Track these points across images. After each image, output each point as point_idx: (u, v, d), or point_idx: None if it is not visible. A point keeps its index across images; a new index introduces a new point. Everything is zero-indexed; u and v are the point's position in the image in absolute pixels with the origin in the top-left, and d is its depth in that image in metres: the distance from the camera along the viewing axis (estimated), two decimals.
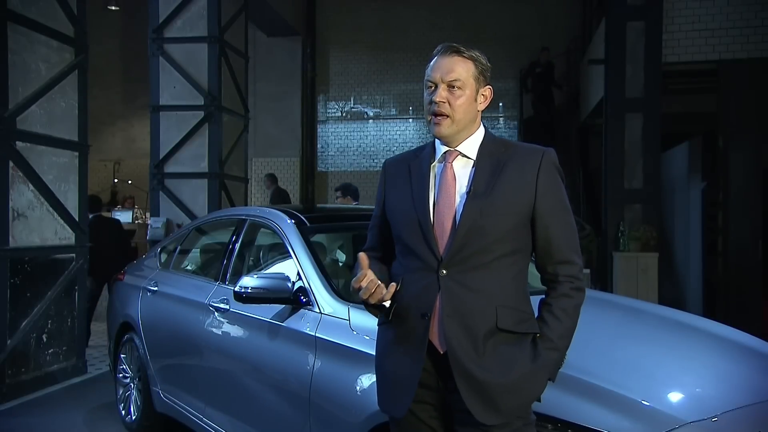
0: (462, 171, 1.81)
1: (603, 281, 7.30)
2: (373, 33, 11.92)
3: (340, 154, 12.36)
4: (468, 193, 1.76)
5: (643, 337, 2.68)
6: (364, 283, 1.72)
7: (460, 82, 1.77)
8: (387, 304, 1.79)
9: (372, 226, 2.04)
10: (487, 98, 1.84)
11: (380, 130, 12.22)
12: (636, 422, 1.92)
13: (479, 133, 1.85)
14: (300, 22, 11.82)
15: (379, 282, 1.74)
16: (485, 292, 1.73)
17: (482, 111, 1.86)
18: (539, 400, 1.79)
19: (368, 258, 1.79)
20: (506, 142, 1.86)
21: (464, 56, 1.79)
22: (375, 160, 12.12)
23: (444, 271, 1.74)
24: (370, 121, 12.23)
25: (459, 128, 1.79)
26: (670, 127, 7.94)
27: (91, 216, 6.76)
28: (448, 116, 1.77)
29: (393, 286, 1.77)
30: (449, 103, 1.77)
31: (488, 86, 1.84)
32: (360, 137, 12.29)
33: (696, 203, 7.68)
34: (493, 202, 1.74)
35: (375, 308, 1.82)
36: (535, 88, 10.76)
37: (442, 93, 1.77)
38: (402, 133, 12.19)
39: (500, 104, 11.66)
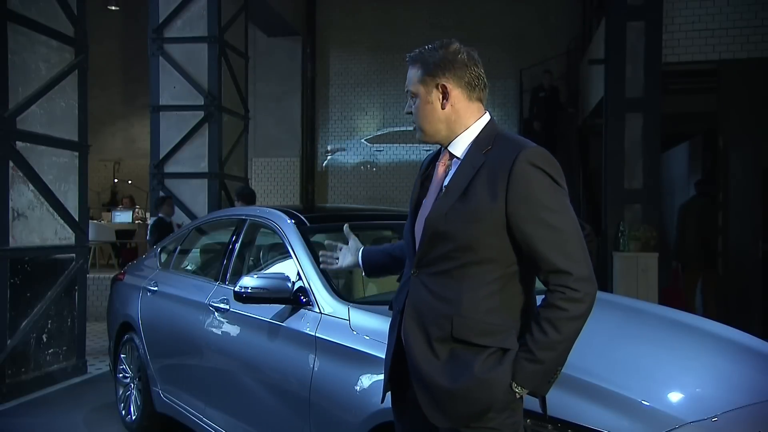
0: (450, 171, 1.76)
1: (603, 281, 7.29)
2: (373, 33, 11.91)
3: (341, 154, 12.36)
4: (438, 196, 1.72)
5: (643, 337, 2.68)
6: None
7: (411, 92, 1.77)
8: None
9: None
10: (445, 94, 1.70)
11: (380, 130, 12.21)
12: (636, 422, 1.91)
13: (474, 129, 1.73)
14: (300, 22, 11.82)
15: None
16: (447, 299, 1.66)
17: (453, 106, 1.71)
18: (544, 410, 1.73)
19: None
20: (495, 139, 1.70)
21: (410, 62, 1.78)
22: (375, 160, 12.12)
23: (414, 272, 1.75)
24: (370, 121, 12.22)
25: (430, 134, 1.76)
26: (670, 127, 7.94)
27: (156, 218, 7.01)
28: (418, 125, 1.78)
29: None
30: (414, 114, 1.78)
31: (439, 82, 1.70)
32: (360, 137, 12.28)
33: None
34: (458, 208, 1.64)
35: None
36: (540, 115, 10.30)
37: (409, 104, 1.79)
38: (402, 133, 12.18)
39: (500, 104, 11.65)
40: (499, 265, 1.66)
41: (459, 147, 1.74)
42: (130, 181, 13.93)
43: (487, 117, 1.75)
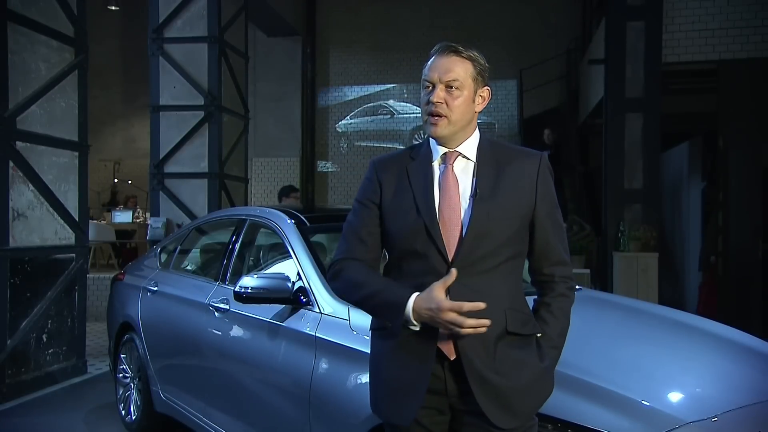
0: (462, 173, 1.79)
1: (603, 281, 7.30)
2: (373, 33, 11.92)
3: (340, 154, 12.37)
4: (474, 196, 1.74)
5: (643, 337, 2.68)
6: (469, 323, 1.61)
7: (458, 82, 1.74)
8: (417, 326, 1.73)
9: (354, 231, 1.86)
10: (485, 99, 1.82)
11: (380, 130, 12.22)
12: (636, 422, 1.92)
13: (476, 135, 1.83)
14: (300, 22, 11.82)
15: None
16: (494, 296, 1.71)
17: (480, 112, 1.85)
18: None
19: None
20: (502, 145, 1.87)
21: (462, 56, 1.76)
22: (371, 158, 12.13)
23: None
24: (370, 121, 12.22)
25: (456, 129, 1.77)
26: (670, 127, 7.94)
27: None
28: (445, 117, 1.74)
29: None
30: (447, 103, 1.74)
31: (486, 87, 1.82)
32: (360, 137, 12.29)
33: (696, 203, 7.68)
34: (499, 206, 1.73)
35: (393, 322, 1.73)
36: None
37: (439, 93, 1.74)
38: (401, 134, 12.18)
39: (500, 104, 11.66)
40: (522, 259, 1.83)
41: (469, 149, 1.81)
42: (130, 181, 13.92)
43: (477, 129, 1.87)
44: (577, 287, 2.18)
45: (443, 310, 1.60)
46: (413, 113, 11.98)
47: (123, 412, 4.27)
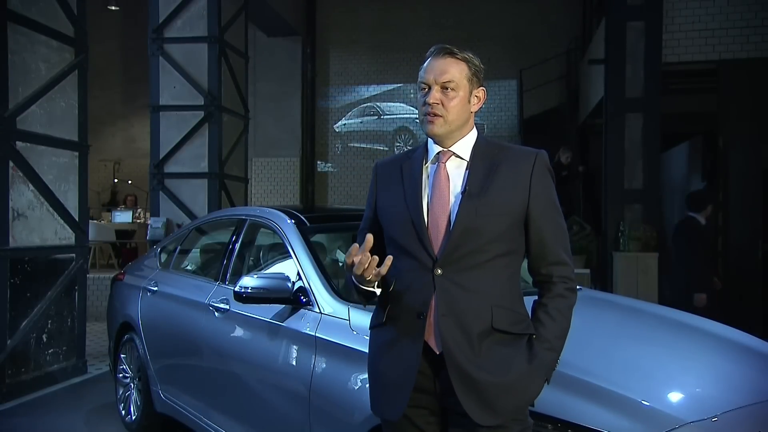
0: (455, 171, 1.81)
1: (603, 281, 7.30)
2: (373, 33, 11.93)
3: (340, 154, 12.37)
4: (463, 193, 1.76)
5: (643, 337, 2.68)
6: (356, 258, 1.69)
7: (453, 83, 1.77)
8: (377, 290, 1.78)
9: (362, 229, 2.02)
10: (480, 99, 1.85)
11: (380, 130, 12.21)
12: (636, 422, 1.92)
13: (472, 135, 1.86)
14: (300, 22, 11.82)
15: (373, 256, 1.70)
16: (480, 292, 1.73)
17: (476, 112, 1.87)
18: (532, 405, 1.78)
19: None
20: (499, 144, 1.87)
21: (457, 58, 1.79)
22: (375, 160, 12.12)
23: (439, 271, 1.74)
24: (360, 122, 12.22)
25: (452, 128, 1.80)
26: (670, 127, 7.94)
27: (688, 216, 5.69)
28: (441, 116, 1.78)
29: (389, 258, 1.72)
30: (443, 104, 1.77)
31: (482, 87, 1.84)
32: (360, 137, 12.29)
33: None
34: (488, 203, 1.74)
35: (365, 294, 1.78)
36: (564, 198, 9.02)
37: (435, 94, 1.77)
38: (386, 134, 12.19)
39: (500, 104, 11.66)
40: (516, 257, 1.81)
41: (463, 149, 1.83)
42: (130, 181, 13.92)
43: (475, 129, 1.89)
44: (577, 287, 2.18)
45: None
46: (399, 114, 12.00)
47: (123, 412, 4.28)
